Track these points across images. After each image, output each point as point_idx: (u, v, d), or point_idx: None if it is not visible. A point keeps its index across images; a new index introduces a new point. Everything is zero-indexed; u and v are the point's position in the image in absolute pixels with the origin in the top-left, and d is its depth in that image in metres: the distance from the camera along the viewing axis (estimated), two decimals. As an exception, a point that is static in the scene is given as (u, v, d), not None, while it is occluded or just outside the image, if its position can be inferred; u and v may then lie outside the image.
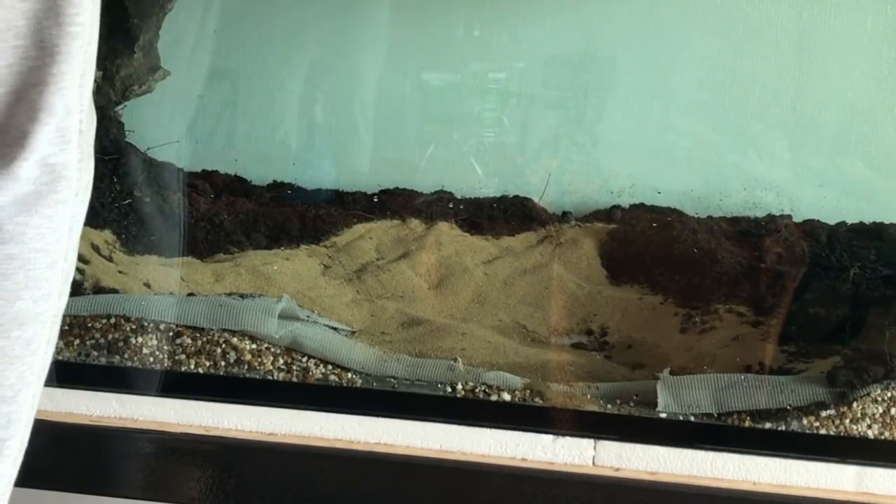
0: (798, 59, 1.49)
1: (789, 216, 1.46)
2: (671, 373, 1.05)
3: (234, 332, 1.10)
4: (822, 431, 0.98)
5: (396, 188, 1.56)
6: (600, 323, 1.28)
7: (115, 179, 1.42)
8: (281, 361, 1.09)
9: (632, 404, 1.03)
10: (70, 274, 0.75)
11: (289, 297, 1.15)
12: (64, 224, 0.70)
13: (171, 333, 1.10)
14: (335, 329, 1.18)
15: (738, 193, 1.51)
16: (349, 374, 1.09)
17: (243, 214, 1.47)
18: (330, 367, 1.09)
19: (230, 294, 1.19)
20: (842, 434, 0.98)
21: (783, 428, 0.99)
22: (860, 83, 1.48)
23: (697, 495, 0.97)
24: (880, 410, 0.98)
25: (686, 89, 1.54)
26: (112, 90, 1.47)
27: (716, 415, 1.01)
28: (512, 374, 1.07)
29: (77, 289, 1.17)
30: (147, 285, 1.25)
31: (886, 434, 0.98)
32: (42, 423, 1.06)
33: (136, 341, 1.09)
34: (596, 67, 1.55)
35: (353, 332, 1.20)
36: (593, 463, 1.00)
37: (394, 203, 1.52)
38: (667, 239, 1.39)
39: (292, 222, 1.46)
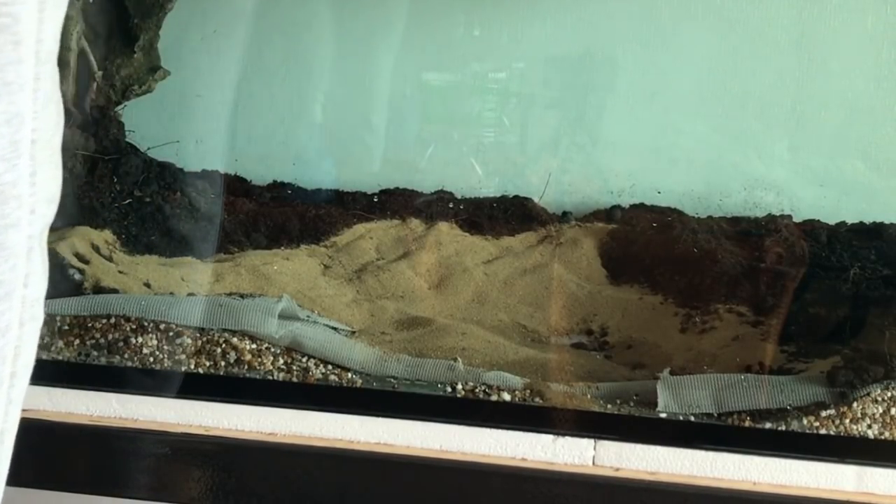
0: (798, 59, 1.49)
1: (789, 216, 1.46)
2: (671, 373, 1.05)
3: (234, 332, 1.10)
4: (822, 431, 0.98)
5: (396, 188, 1.57)
6: (600, 323, 1.28)
7: (115, 179, 1.42)
8: (281, 361, 1.09)
9: (632, 404, 1.03)
10: (37, 296, 0.69)
11: (289, 297, 1.15)
12: (19, 248, 0.64)
13: (170, 333, 1.10)
14: (335, 329, 1.18)
15: (738, 193, 1.51)
16: (349, 374, 1.09)
17: (243, 214, 1.47)
18: (330, 367, 1.09)
19: (230, 294, 1.19)
20: (842, 434, 0.98)
21: (783, 428, 0.99)
22: (860, 83, 1.48)
23: (697, 495, 0.97)
24: (880, 410, 0.98)
25: (686, 89, 1.54)
26: (112, 90, 1.47)
27: (716, 415, 1.01)
28: (512, 374, 1.07)
29: (77, 289, 1.18)
30: (147, 285, 1.25)
31: (886, 434, 0.98)
32: (42, 423, 1.06)
33: (136, 341, 1.09)
34: (596, 67, 1.55)
35: (353, 332, 1.20)
36: (593, 463, 1.00)
37: (394, 203, 1.53)
38: (667, 239, 1.39)
39: (292, 222, 1.46)
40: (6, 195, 0.63)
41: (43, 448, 1.05)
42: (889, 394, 0.98)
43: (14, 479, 0.74)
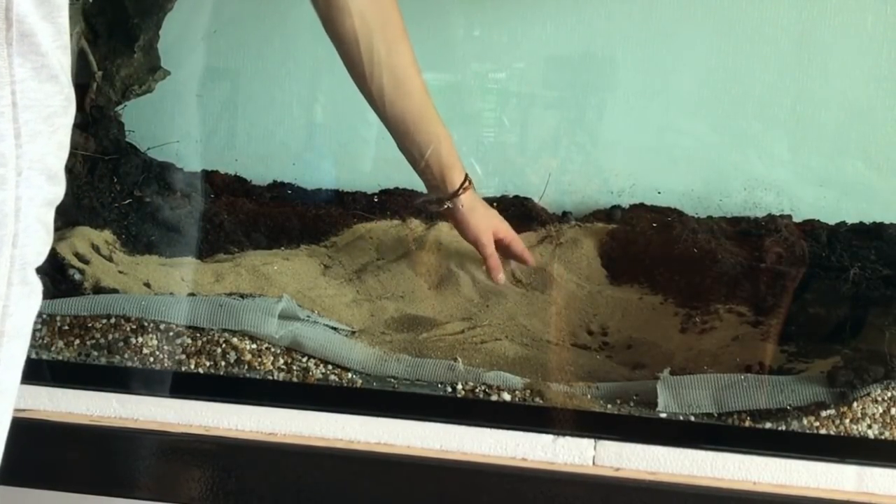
0: (798, 59, 1.49)
1: (789, 216, 1.46)
2: (671, 373, 1.05)
3: (234, 332, 1.10)
4: (822, 431, 0.98)
5: (396, 188, 1.56)
6: (600, 323, 1.28)
7: (115, 179, 1.42)
8: (281, 361, 1.09)
9: (632, 404, 1.03)
10: (30, 261, 0.70)
11: (289, 297, 1.15)
12: (6, 206, 0.66)
13: (171, 333, 1.10)
14: (335, 329, 1.18)
15: (738, 193, 1.51)
16: (349, 374, 1.09)
17: (243, 214, 1.47)
18: (330, 367, 1.09)
19: (230, 294, 1.19)
20: (842, 434, 0.98)
21: (783, 428, 0.99)
22: (860, 83, 1.48)
23: (697, 495, 0.97)
24: (880, 410, 0.98)
25: (686, 89, 1.54)
26: (112, 90, 1.47)
27: (716, 415, 1.01)
28: (512, 374, 1.07)
29: (77, 289, 1.18)
30: (147, 285, 1.25)
31: (886, 434, 0.98)
32: (42, 423, 1.06)
33: (136, 341, 1.09)
34: (596, 67, 1.56)
35: (353, 332, 1.20)
36: (593, 463, 1.00)
37: (394, 203, 1.52)
38: (667, 239, 1.39)
39: (292, 222, 1.46)
40: None
41: (43, 448, 1.05)
42: (889, 394, 0.98)
43: (15, 479, 0.74)
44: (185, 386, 1.08)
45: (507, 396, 1.05)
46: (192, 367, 1.09)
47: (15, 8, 0.66)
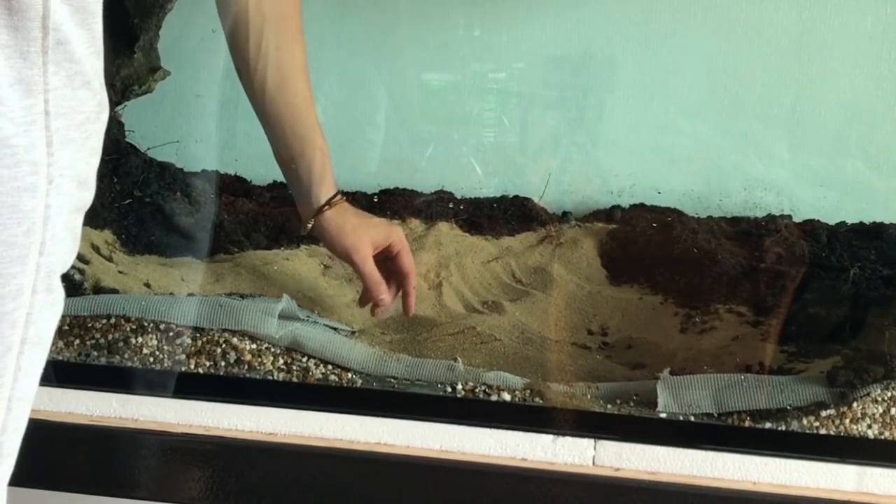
0: (798, 59, 1.49)
1: (789, 216, 1.46)
2: (671, 373, 1.05)
3: (234, 332, 1.10)
4: (822, 431, 0.98)
5: (396, 188, 1.56)
6: (600, 323, 1.28)
7: (115, 179, 1.42)
8: (281, 361, 1.09)
9: (632, 404, 1.03)
10: (55, 269, 0.70)
11: (289, 298, 1.15)
12: (35, 214, 0.65)
13: (170, 333, 1.10)
14: (335, 329, 1.18)
15: (738, 193, 1.51)
16: (349, 374, 1.09)
17: (243, 214, 1.47)
18: (330, 367, 1.09)
19: (230, 294, 1.19)
20: (842, 434, 0.98)
21: (783, 428, 0.99)
22: (860, 83, 1.48)
23: (697, 495, 0.97)
24: (880, 410, 0.98)
25: (686, 89, 1.54)
26: (112, 90, 1.46)
27: (716, 415, 1.01)
28: (512, 374, 1.07)
29: (77, 289, 1.18)
30: (147, 285, 1.25)
31: (886, 434, 0.98)
32: (42, 423, 1.06)
33: (136, 341, 1.09)
34: (596, 67, 1.55)
35: (353, 332, 1.20)
36: (593, 463, 1.00)
37: (394, 203, 1.52)
38: (667, 239, 1.39)
39: (292, 222, 1.46)
40: (18, 158, 0.64)
41: (43, 448, 1.05)
42: (889, 394, 0.98)
43: (15, 479, 0.74)
44: (185, 386, 1.08)
45: (507, 396, 1.05)
46: (192, 367, 1.09)
47: (52, 16, 0.67)
